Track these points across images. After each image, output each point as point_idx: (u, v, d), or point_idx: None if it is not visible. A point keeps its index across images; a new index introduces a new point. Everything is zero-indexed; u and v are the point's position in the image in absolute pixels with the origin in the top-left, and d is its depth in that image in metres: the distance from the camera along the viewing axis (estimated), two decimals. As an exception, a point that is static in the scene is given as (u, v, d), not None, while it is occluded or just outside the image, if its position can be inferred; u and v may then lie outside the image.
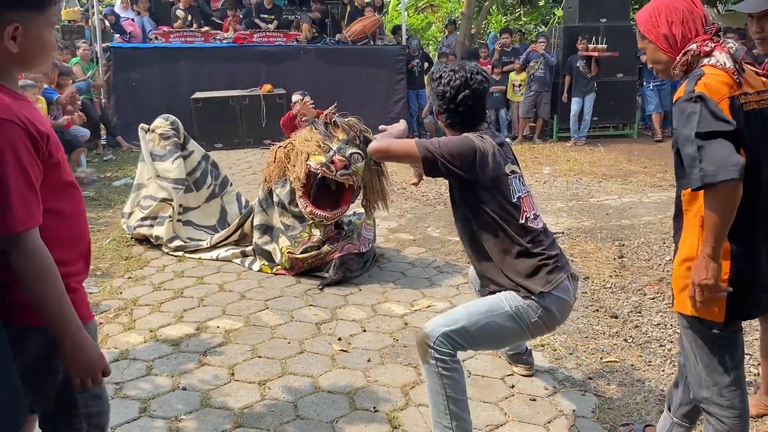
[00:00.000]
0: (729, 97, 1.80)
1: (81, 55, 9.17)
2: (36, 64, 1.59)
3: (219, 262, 4.64)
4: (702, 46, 1.87)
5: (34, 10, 1.49)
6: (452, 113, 2.47)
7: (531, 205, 2.43)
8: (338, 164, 4.17)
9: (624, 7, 10.81)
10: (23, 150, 1.43)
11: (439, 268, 4.55)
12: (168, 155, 5.05)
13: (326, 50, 10.61)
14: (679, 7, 1.91)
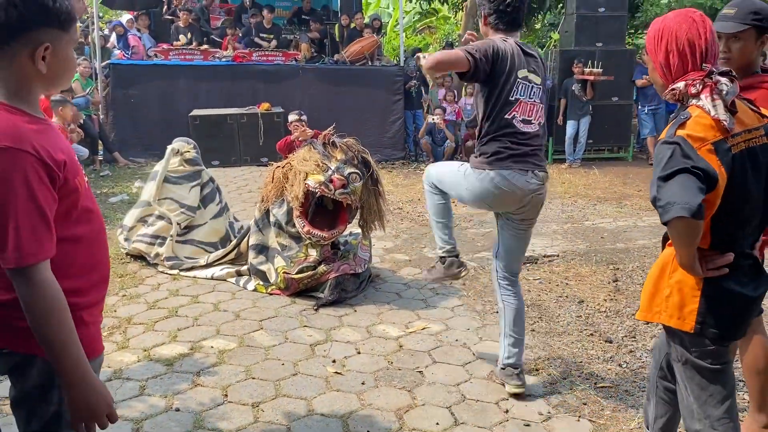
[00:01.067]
0: (713, 143, 1.84)
1: (81, 72, 9.22)
2: (61, 83, 1.61)
3: (214, 281, 4.64)
4: (689, 86, 1.90)
5: (61, 29, 1.51)
6: (500, 14, 2.93)
7: (527, 111, 2.88)
8: (337, 183, 4.19)
9: (619, 32, 10.94)
10: (36, 180, 1.41)
11: (434, 290, 4.56)
12: (185, 180, 5.09)
13: (324, 70, 10.69)
14: (682, 37, 1.91)
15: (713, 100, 1.86)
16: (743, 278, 1.95)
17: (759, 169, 1.93)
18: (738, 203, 1.89)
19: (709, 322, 1.92)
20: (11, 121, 1.45)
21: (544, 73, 3.01)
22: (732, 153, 1.86)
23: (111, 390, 3.00)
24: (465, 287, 4.62)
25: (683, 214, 1.73)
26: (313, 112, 10.31)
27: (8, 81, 1.50)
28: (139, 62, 10.23)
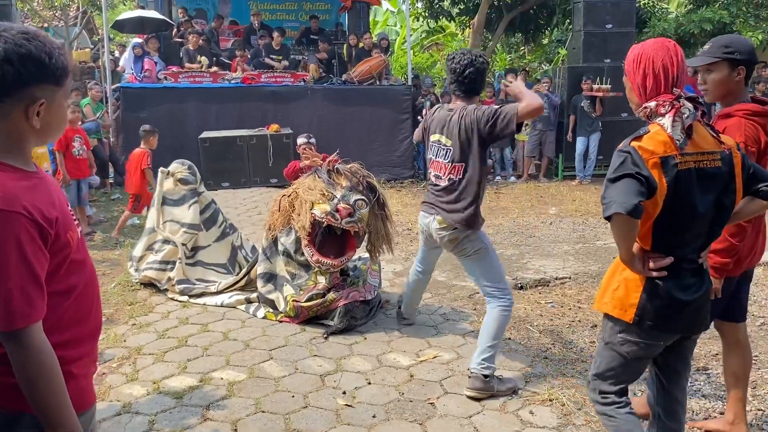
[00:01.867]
0: (661, 157, 2.08)
1: (92, 95, 9.31)
2: (53, 136, 1.59)
3: (223, 308, 4.62)
4: (659, 106, 2.14)
5: (56, 84, 1.50)
6: (459, 84, 3.46)
7: (438, 168, 3.53)
8: (343, 212, 4.17)
9: (627, 48, 10.75)
10: (27, 242, 1.39)
11: (445, 315, 4.52)
12: (183, 200, 5.09)
13: (333, 90, 10.73)
14: (658, 63, 2.14)
15: (674, 120, 2.11)
16: (681, 281, 2.19)
17: (707, 188, 2.15)
18: (679, 214, 2.14)
19: (645, 316, 2.20)
20: (1, 180, 1.43)
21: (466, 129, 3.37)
22: (678, 169, 2.10)
23: (120, 426, 2.99)
24: (476, 312, 4.58)
25: (620, 211, 2.01)
26: (322, 132, 10.36)
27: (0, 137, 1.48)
28: (149, 85, 10.30)
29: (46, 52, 1.45)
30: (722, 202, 2.19)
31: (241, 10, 14.41)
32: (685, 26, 12.54)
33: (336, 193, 4.24)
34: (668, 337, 2.26)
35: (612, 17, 10.73)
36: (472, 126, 3.36)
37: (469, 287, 5.12)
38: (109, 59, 10.45)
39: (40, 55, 1.44)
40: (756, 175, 2.26)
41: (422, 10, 14.95)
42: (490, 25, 14.22)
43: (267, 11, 14.39)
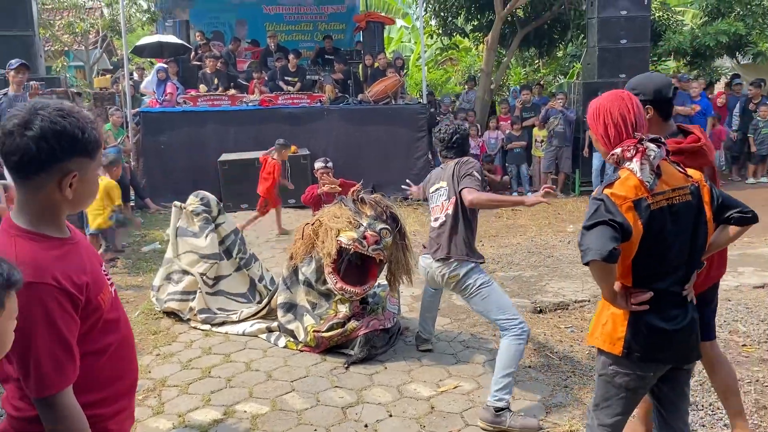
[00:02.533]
0: (634, 201, 2.21)
1: (113, 121, 9.48)
2: (86, 204, 1.66)
3: (245, 337, 4.69)
4: (625, 152, 2.26)
5: (88, 157, 1.57)
6: (449, 149, 4.03)
7: (436, 211, 3.93)
8: (370, 239, 4.23)
9: (642, 63, 10.91)
10: (57, 311, 1.46)
11: (464, 343, 4.54)
12: (200, 231, 5.17)
13: (349, 110, 10.83)
14: (615, 113, 2.29)
15: (641, 163, 2.22)
16: (664, 313, 2.29)
17: (680, 222, 2.27)
18: (656, 251, 2.25)
19: (633, 348, 2.30)
20: (33, 251, 1.50)
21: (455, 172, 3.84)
22: (651, 209, 2.22)
23: (147, 463, 3.04)
24: (496, 338, 4.59)
25: (596, 258, 2.11)
26: (339, 152, 10.45)
27: (33, 207, 1.55)
28: (169, 109, 10.48)
29: (80, 128, 1.53)
30: (697, 234, 2.32)
31: (257, 32, 14.65)
32: (701, 39, 12.49)
33: (362, 221, 4.30)
34: (658, 367, 2.36)
35: (626, 32, 10.72)
36: (458, 168, 3.87)
37: (487, 312, 5.13)
38: (129, 85, 10.64)
39: (73, 131, 1.52)
40: (725, 203, 2.38)
41: (436, 28, 15.06)
42: (504, 40, 14.27)
43: (283, 32, 14.61)
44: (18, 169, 1.52)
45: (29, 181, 1.53)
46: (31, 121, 1.48)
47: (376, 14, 14.26)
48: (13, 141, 1.48)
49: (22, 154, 1.48)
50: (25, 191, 1.55)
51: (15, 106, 5.92)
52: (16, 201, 1.60)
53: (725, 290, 5.59)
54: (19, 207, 1.57)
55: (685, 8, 16.98)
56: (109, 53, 21.41)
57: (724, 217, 2.38)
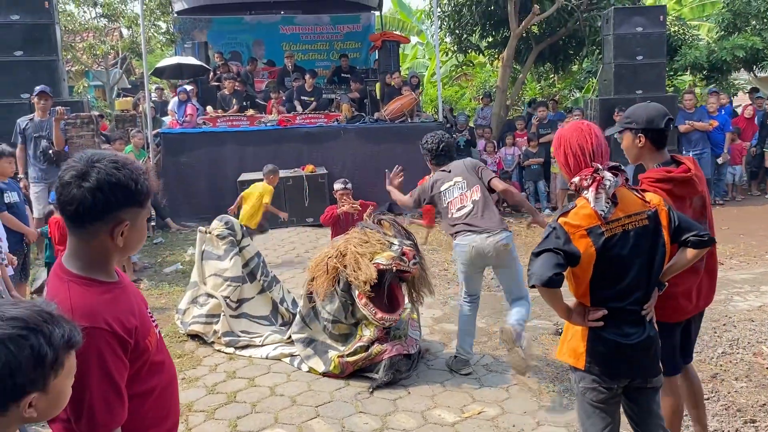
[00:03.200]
0: (587, 229, 2.36)
1: (135, 143, 9.63)
2: (135, 250, 1.73)
3: (269, 360, 4.73)
4: (582, 180, 2.41)
5: (140, 206, 1.64)
6: (438, 156, 4.54)
7: (458, 202, 4.34)
8: (410, 254, 4.31)
9: (659, 79, 10.92)
10: (109, 354, 1.52)
11: (487, 366, 4.55)
12: (225, 254, 5.24)
13: (365, 129, 10.92)
14: (574, 143, 2.45)
15: (597, 193, 2.35)
16: (620, 329, 2.43)
17: (637, 246, 2.40)
18: (611, 274, 2.40)
19: (594, 362, 2.45)
20: (86, 296, 1.57)
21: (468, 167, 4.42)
22: (605, 236, 2.36)
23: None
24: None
25: (537, 284, 2.32)
26: (356, 170, 10.54)
27: (86, 253, 1.62)
28: (188, 130, 10.63)
29: (133, 179, 1.60)
30: (654, 257, 2.45)
31: (274, 52, 14.84)
32: (717, 53, 12.46)
33: (393, 240, 4.35)
34: (620, 380, 2.48)
35: (642, 49, 10.73)
36: (472, 164, 4.51)
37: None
38: (149, 106, 10.81)
39: (127, 182, 1.59)
40: (681, 226, 2.50)
41: (451, 45, 15.15)
42: (520, 56, 14.33)
43: (300, 52, 14.78)
44: (74, 218, 1.58)
45: (83, 230, 1.60)
46: (88, 172, 1.55)
47: (391, 33, 14.41)
48: (70, 191, 1.55)
49: (78, 204, 1.55)
50: (79, 238, 1.62)
51: (41, 130, 6.05)
52: (68, 246, 1.66)
53: (748, 310, 5.56)
54: (72, 252, 1.64)
55: (700, 22, 16.96)
56: (128, 72, 21.77)
57: (682, 240, 2.51)
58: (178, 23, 15.08)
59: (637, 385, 2.51)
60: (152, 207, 9.91)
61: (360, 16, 15.53)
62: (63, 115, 7.17)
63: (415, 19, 21.52)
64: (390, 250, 4.26)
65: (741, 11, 12.71)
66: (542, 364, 4.52)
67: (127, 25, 15.92)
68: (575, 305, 2.48)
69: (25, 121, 7.15)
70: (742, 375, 4.30)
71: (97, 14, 16.12)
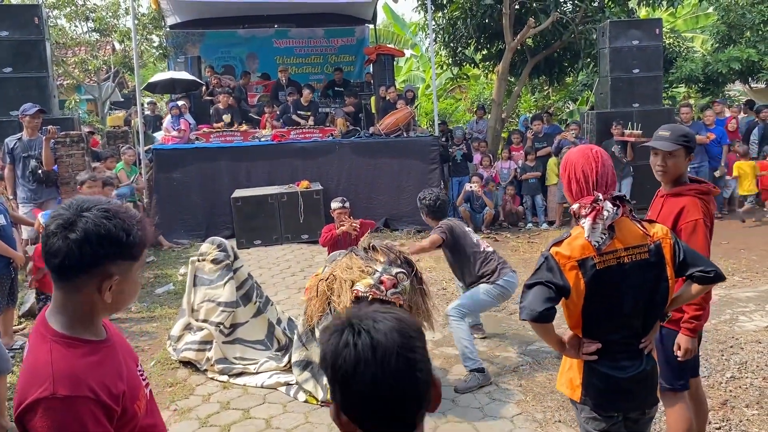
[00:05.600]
0: (578, 260, 2.29)
1: (125, 160, 9.48)
2: (125, 306, 1.59)
3: (264, 390, 4.57)
4: (581, 208, 2.33)
5: (131, 259, 1.50)
6: (434, 212, 5.05)
7: (484, 243, 5.02)
8: (387, 283, 4.11)
9: (656, 92, 10.88)
10: (92, 425, 1.39)
11: (490, 394, 4.40)
12: (218, 279, 5.07)
13: (360, 143, 10.80)
14: (578, 169, 2.37)
15: (593, 223, 2.27)
16: (615, 362, 2.38)
17: (634, 280, 2.32)
18: (604, 307, 2.33)
19: (589, 394, 2.41)
20: (69, 359, 1.44)
21: None
22: (597, 269, 2.28)
23: None
24: (522, 389, 4.46)
25: (527, 318, 2.30)
26: (351, 185, 10.42)
27: (71, 309, 1.49)
28: (181, 146, 10.49)
29: (125, 230, 1.48)
30: (655, 291, 2.37)
31: (268, 65, 14.74)
32: (713, 66, 12.45)
33: (377, 267, 4.20)
34: (616, 412, 2.43)
35: (639, 62, 10.70)
36: None
37: (512, 359, 5.01)
38: (141, 122, 10.67)
39: (118, 233, 1.46)
40: (687, 260, 2.42)
41: (446, 58, 15.10)
42: (515, 69, 14.29)
43: (293, 65, 14.69)
44: (59, 271, 1.46)
45: (69, 283, 1.47)
46: (75, 222, 1.44)
47: (386, 47, 14.32)
48: (55, 243, 1.44)
49: (63, 256, 1.43)
50: (64, 292, 1.49)
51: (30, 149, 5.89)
52: (53, 300, 1.53)
53: (755, 331, 5.44)
54: (56, 307, 1.51)
55: (694, 34, 16.99)
56: (121, 86, 21.63)
57: (688, 274, 2.44)
58: (171, 37, 14.97)
59: (635, 417, 2.47)
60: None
61: (354, 30, 15.45)
62: (54, 135, 7.02)
63: (410, 32, 21.50)
64: (370, 278, 4.11)
65: (736, 23, 12.73)
66: (546, 392, 4.38)
67: (120, 40, 15.79)
68: (570, 337, 2.43)
69: (14, 140, 6.99)
70: (753, 401, 4.17)
71: (89, 29, 15.99)
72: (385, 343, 1.16)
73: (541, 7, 12.61)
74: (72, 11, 15.16)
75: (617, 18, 11.86)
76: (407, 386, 1.17)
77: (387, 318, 1.20)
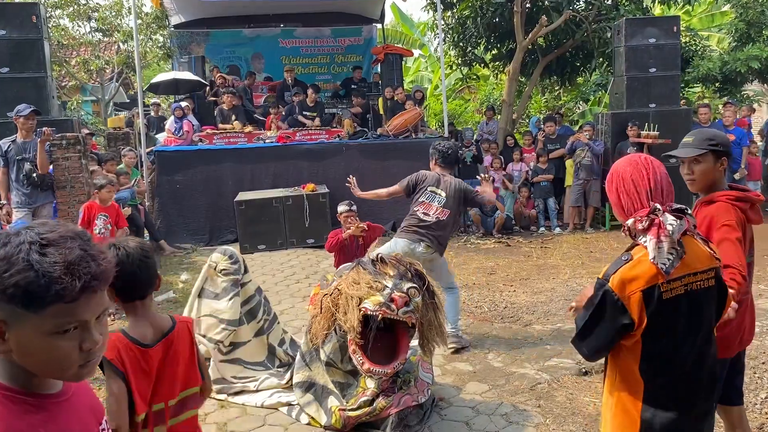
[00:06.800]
0: (643, 290, 1.93)
1: (126, 162, 9.22)
2: (38, 370, 1.22)
3: (264, 410, 4.27)
4: (637, 222, 2.01)
5: (22, 307, 1.15)
6: (445, 159, 5.43)
7: (427, 208, 5.16)
8: (399, 301, 3.76)
9: (673, 92, 10.53)
10: None
11: (506, 416, 4.09)
12: (223, 294, 4.70)
13: (368, 145, 10.53)
14: (627, 178, 2.09)
15: (658, 240, 1.93)
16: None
17: (698, 312, 2.00)
18: (669, 347, 1.99)
19: None
20: (4, 419, 1.15)
21: (457, 190, 5.21)
22: (663, 298, 1.94)
23: None
24: (541, 410, 4.14)
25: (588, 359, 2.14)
26: (359, 187, 10.10)
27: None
28: (184, 147, 10.24)
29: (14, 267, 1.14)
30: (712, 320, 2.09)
31: (274, 66, 14.49)
32: (731, 65, 12.07)
33: (386, 282, 3.87)
34: None
35: (655, 61, 10.35)
36: (461, 190, 5.24)
37: (529, 376, 4.69)
38: (143, 123, 10.42)
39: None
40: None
41: (455, 58, 14.78)
42: (526, 69, 13.96)
43: (300, 65, 14.42)
44: None
45: None
46: None
47: (394, 46, 14.04)
48: None
49: None
50: None
51: (24, 152, 5.59)
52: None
53: (787, 346, 5.10)
54: None
55: (710, 32, 16.60)
56: (126, 87, 21.44)
57: None
58: (175, 37, 14.74)
59: None
60: (146, 228, 9.52)
61: (362, 29, 15.17)
62: (49, 137, 6.75)
63: (418, 32, 21.18)
64: (380, 295, 3.79)
65: (755, 21, 12.35)
66: (567, 413, 4.07)
67: (123, 40, 15.56)
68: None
69: (7, 143, 6.73)
70: (793, 426, 3.85)
71: (92, 28, 15.77)
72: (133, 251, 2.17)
73: (553, 5, 12.28)
74: (74, 11, 14.94)
75: (633, 15, 11.51)
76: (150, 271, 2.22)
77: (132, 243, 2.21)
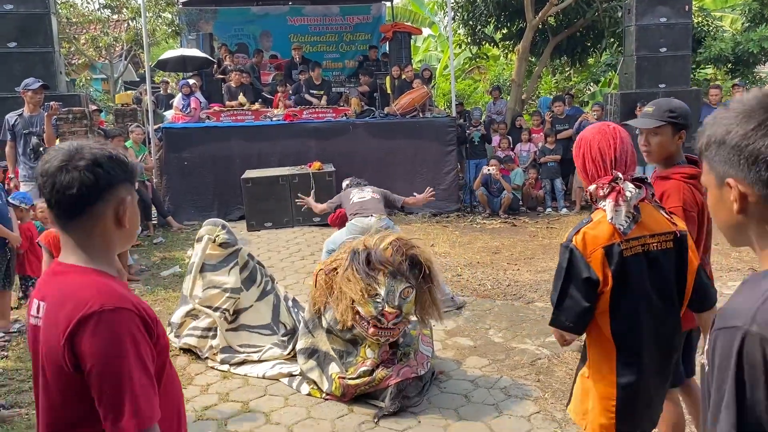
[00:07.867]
0: (604, 246, 2.07)
1: (134, 138, 9.26)
2: (133, 238, 1.62)
3: (266, 381, 4.33)
4: (598, 188, 2.14)
5: (132, 183, 1.55)
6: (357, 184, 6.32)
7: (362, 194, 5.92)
8: (389, 316, 3.79)
9: (683, 72, 10.41)
10: (141, 338, 1.40)
11: (505, 390, 4.12)
12: (223, 264, 4.79)
13: (375, 124, 10.48)
14: (594, 146, 2.17)
15: (616, 204, 2.08)
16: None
17: (658, 270, 2.14)
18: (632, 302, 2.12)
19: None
20: (107, 283, 1.44)
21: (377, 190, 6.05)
22: (624, 256, 2.08)
23: None
24: (540, 384, 4.17)
25: (556, 328, 2.22)
26: (366, 166, 10.10)
27: (88, 245, 1.49)
28: (191, 125, 10.24)
29: (121, 154, 1.53)
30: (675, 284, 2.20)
31: (282, 44, 14.42)
32: (744, 45, 11.91)
33: (379, 289, 3.81)
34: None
35: (666, 40, 10.22)
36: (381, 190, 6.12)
37: (529, 351, 4.72)
38: (151, 100, 10.43)
39: (119, 155, 1.51)
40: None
41: (464, 37, 14.66)
42: (536, 49, 13.83)
43: (308, 44, 14.34)
44: (74, 205, 1.45)
45: (83, 217, 1.47)
46: (78, 152, 1.45)
47: (403, 24, 13.91)
48: (64, 176, 1.43)
49: (78, 185, 1.43)
50: (80, 229, 1.49)
51: (31, 126, 5.63)
52: (64, 246, 1.52)
53: None
54: (70, 250, 1.50)
55: (723, 13, 16.35)
56: (136, 65, 21.43)
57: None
58: (184, 14, 14.68)
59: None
60: (153, 205, 9.58)
61: (370, 7, 15.03)
62: (56, 111, 6.78)
63: (428, 11, 20.98)
64: (372, 305, 3.78)
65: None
66: (566, 388, 4.09)
67: (132, 17, 15.53)
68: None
69: (14, 116, 6.77)
70: None
71: (101, 5, 15.74)
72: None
73: (563, -17, 12.13)
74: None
75: (644, -6, 11.34)
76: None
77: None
